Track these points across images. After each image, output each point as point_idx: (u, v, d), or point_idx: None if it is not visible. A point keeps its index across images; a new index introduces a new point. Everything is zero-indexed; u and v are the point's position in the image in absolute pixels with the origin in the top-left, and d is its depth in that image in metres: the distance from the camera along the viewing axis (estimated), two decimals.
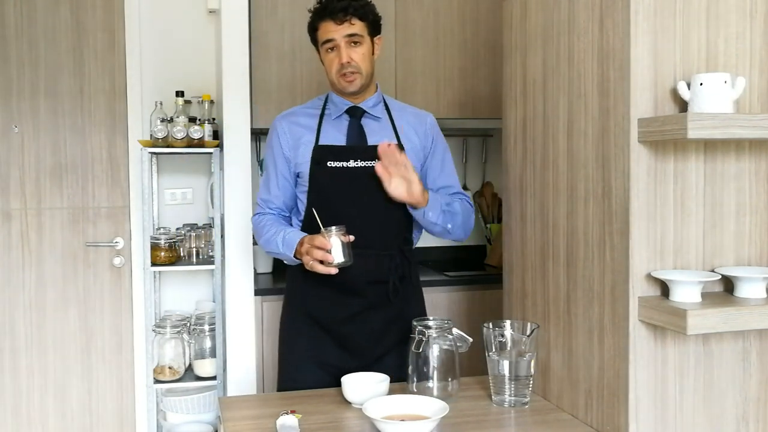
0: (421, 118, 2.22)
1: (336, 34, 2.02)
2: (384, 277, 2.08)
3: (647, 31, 1.45)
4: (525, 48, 1.88)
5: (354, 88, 2.07)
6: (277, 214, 2.18)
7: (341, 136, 2.11)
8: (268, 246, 2.11)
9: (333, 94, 2.15)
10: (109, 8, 3.34)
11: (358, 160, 2.06)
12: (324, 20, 2.04)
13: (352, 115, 2.13)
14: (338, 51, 2.04)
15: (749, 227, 1.55)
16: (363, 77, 2.07)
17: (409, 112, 2.22)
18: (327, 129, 2.12)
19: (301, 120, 2.15)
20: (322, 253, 1.89)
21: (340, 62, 2.04)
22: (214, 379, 3.13)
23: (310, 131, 2.12)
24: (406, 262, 2.13)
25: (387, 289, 2.08)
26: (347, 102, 2.12)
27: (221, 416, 1.74)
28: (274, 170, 2.16)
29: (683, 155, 1.49)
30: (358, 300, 2.08)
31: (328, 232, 1.90)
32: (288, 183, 2.15)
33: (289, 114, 2.19)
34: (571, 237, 1.68)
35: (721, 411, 1.53)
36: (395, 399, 1.63)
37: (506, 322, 1.75)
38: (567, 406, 1.71)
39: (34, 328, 3.33)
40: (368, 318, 2.09)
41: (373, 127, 2.13)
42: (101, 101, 3.37)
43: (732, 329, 1.39)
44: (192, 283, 3.48)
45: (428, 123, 2.21)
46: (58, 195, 3.34)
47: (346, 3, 2.01)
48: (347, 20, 2.02)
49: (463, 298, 3.09)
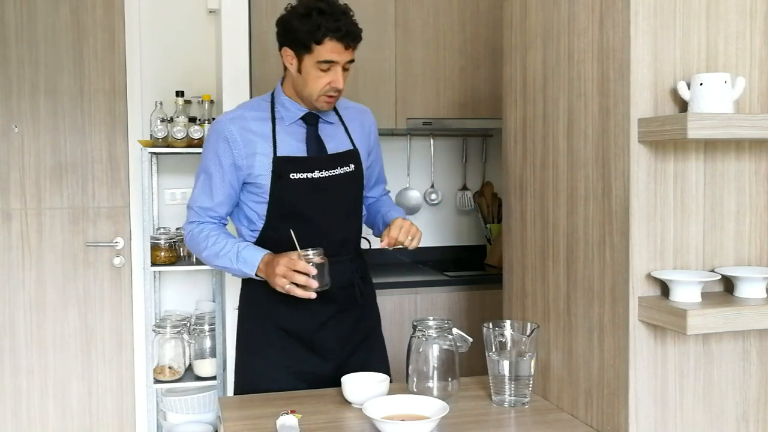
0: (362, 113, 2.20)
1: (341, 57, 1.94)
2: (351, 281, 2.07)
3: (647, 31, 1.45)
4: (525, 48, 1.88)
5: (329, 108, 2.04)
6: (218, 223, 2.06)
7: (300, 145, 2.02)
8: (215, 260, 1.99)
9: (285, 97, 2.05)
10: (109, 8, 3.34)
11: (322, 170, 2.01)
12: (333, 39, 1.91)
13: (309, 123, 2.05)
14: (334, 73, 1.95)
15: (749, 227, 1.55)
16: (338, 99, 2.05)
17: (352, 108, 2.19)
18: (283, 138, 2.01)
19: (251, 126, 2.01)
20: (305, 278, 1.83)
21: (332, 85, 1.96)
22: (214, 379, 3.13)
23: (264, 139, 2.00)
24: (363, 262, 2.15)
25: (353, 292, 2.08)
26: (302, 108, 2.04)
27: (221, 416, 1.74)
28: (220, 177, 2.00)
29: (683, 155, 1.49)
30: (331, 306, 2.04)
31: (306, 256, 1.84)
32: (234, 192, 2.03)
33: (236, 118, 2.03)
34: (571, 237, 1.68)
35: (721, 411, 1.53)
36: (395, 399, 1.63)
37: (506, 322, 1.75)
38: (567, 406, 1.71)
39: (34, 328, 3.33)
40: (339, 322, 2.07)
41: (329, 133, 2.08)
42: (101, 101, 3.36)
43: (732, 329, 1.39)
44: (192, 283, 3.48)
45: (368, 119, 2.20)
46: (58, 195, 3.34)
47: (358, 30, 1.95)
48: (353, 47, 1.96)
49: (463, 298, 3.10)
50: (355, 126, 2.15)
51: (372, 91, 3.22)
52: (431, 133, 3.62)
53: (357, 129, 2.15)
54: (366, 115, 2.21)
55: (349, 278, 2.07)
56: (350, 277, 2.08)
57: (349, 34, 1.91)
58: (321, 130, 2.07)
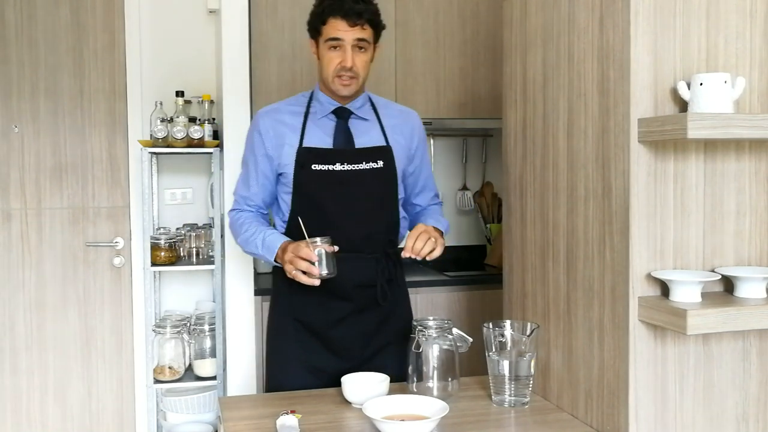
0: (407, 116, 2.19)
1: (346, 35, 1.96)
2: (371, 281, 2.06)
3: (647, 31, 1.45)
4: (525, 48, 1.88)
5: (348, 92, 2.03)
6: (256, 212, 2.15)
7: (327, 138, 2.06)
8: (246, 245, 2.08)
9: (320, 92, 2.10)
10: (109, 8, 3.34)
11: (345, 164, 2.02)
12: (336, 17, 1.96)
13: (339, 117, 2.08)
14: (343, 52, 1.98)
15: (749, 227, 1.55)
16: (359, 83, 2.04)
17: (395, 110, 2.19)
18: (312, 130, 2.06)
19: (285, 118, 2.08)
20: (307, 264, 1.86)
21: (341, 64, 1.98)
22: (214, 379, 3.13)
23: (293, 131, 2.06)
24: (392, 265, 2.11)
25: (375, 292, 2.06)
26: (334, 102, 2.07)
27: (221, 416, 1.74)
28: (254, 168, 2.10)
29: (683, 155, 1.49)
30: (346, 304, 2.05)
31: (314, 243, 1.86)
32: (268, 182, 2.11)
33: (272, 110, 2.12)
34: (571, 237, 1.68)
35: (721, 411, 1.53)
36: (395, 399, 1.63)
37: (506, 322, 1.75)
38: (567, 406, 1.71)
39: (34, 328, 3.33)
40: (357, 321, 2.07)
41: (361, 128, 2.09)
42: (101, 101, 3.36)
43: (732, 329, 1.39)
44: (192, 283, 3.48)
45: (414, 122, 2.19)
46: (58, 195, 3.34)
47: (363, 7, 1.97)
48: (360, 24, 1.97)
49: (463, 298, 3.10)
50: (394, 125, 2.13)
51: (372, 90, 3.18)
52: (431, 133, 3.62)
53: (395, 128, 2.13)
54: (410, 117, 2.19)
55: (370, 277, 2.05)
56: (371, 277, 2.05)
57: (350, 10, 1.95)
58: (353, 125, 2.09)
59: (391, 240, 2.13)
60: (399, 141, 2.12)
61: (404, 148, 2.13)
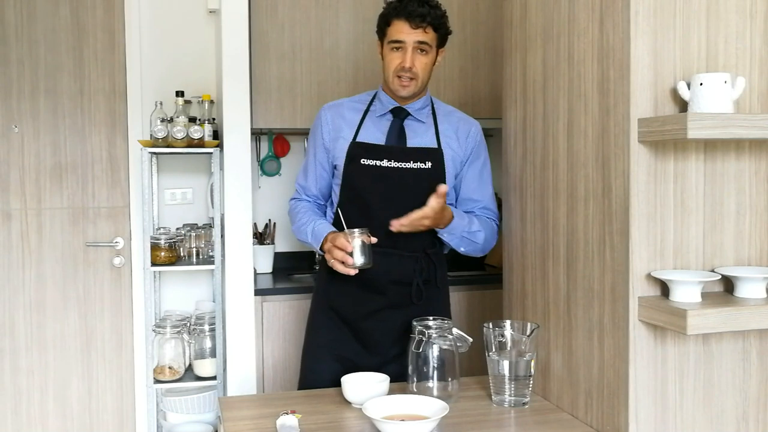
0: (466, 124, 2.19)
1: (408, 37, 2.00)
2: (407, 278, 2.09)
3: (647, 31, 1.45)
4: (525, 48, 1.88)
5: (406, 93, 2.07)
6: (313, 202, 2.24)
7: (381, 135, 2.11)
8: (299, 234, 2.16)
9: (382, 91, 2.15)
10: (109, 8, 3.34)
11: (392, 161, 2.07)
12: (399, 19, 2.01)
13: (396, 116, 2.12)
14: (403, 53, 2.02)
15: (749, 227, 1.55)
16: (418, 85, 2.06)
17: (456, 117, 2.19)
18: (368, 126, 2.12)
19: (345, 113, 2.16)
20: (342, 254, 1.92)
21: (401, 64, 2.02)
22: (214, 379, 3.13)
23: (350, 126, 2.13)
24: (431, 265, 2.13)
25: (410, 290, 2.09)
26: (393, 102, 2.12)
27: (221, 416, 1.74)
28: (313, 158, 2.19)
29: (683, 155, 1.49)
30: (379, 298, 2.10)
31: (351, 233, 1.92)
32: (325, 172, 2.19)
33: (335, 105, 2.20)
34: (571, 237, 1.68)
35: (721, 411, 1.53)
36: (395, 399, 1.63)
37: (506, 322, 1.75)
38: (567, 406, 1.71)
39: (34, 328, 3.33)
40: (389, 317, 2.10)
41: (415, 130, 2.12)
42: (101, 101, 3.36)
43: (732, 329, 1.39)
44: (192, 283, 3.48)
45: (472, 132, 2.18)
46: (58, 195, 3.34)
47: (426, 10, 1.99)
48: (422, 27, 2.00)
49: (463, 298, 3.09)
50: (449, 130, 2.15)
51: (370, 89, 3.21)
52: None
53: (450, 133, 2.15)
54: (468, 124, 2.19)
55: (406, 275, 2.09)
56: (408, 274, 2.09)
57: (413, 13, 1.99)
58: (408, 125, 2.12)
59: (433, 240, 2.14)
60: (452, 146, 2.14)
61: (457, 154, 2.14)
